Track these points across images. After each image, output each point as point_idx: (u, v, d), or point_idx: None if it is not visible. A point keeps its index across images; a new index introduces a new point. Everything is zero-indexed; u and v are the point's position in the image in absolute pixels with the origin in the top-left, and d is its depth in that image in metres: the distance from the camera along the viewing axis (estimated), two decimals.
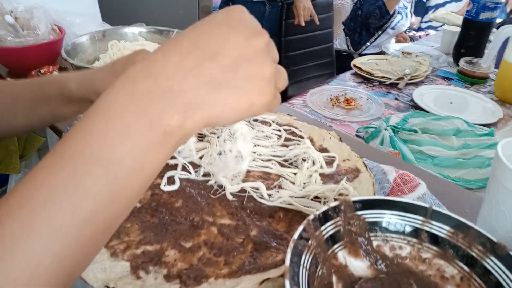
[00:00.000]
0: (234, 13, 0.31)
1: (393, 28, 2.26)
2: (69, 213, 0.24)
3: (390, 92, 1.43)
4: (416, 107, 1.32)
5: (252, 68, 0.29)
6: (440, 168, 0.99)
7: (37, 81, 0.55)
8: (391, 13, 2.13)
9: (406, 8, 2.32)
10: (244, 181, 0.57)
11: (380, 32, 2.24)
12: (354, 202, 0.45)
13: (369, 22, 2.16)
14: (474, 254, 0.41)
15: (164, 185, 0.56)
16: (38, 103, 0.54)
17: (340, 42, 2.45)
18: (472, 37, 1.56)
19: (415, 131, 1.09)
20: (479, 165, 0.99)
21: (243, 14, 0.31)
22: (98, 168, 0.25)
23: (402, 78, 1.48)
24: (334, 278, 0.42)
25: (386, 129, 1.08)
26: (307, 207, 0.52)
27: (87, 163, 0.25)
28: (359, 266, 0.44)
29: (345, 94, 1.40)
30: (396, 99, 1.39)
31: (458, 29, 1.64)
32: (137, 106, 0.26)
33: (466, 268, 0.41)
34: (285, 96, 2.03)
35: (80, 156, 0.25)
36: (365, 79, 1.53)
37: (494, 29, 1.60)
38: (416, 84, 1.48)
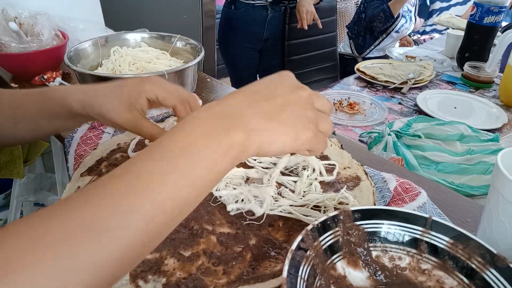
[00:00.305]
0: (284, 74, 0.41)
1: (397, 32, 2.26)
2: (156, 192, 0.30)
3: (393, 97, 1.43)
4: (420, 111, 1.31)
5: (296, 109, 0.38)
6: (444, 174, 0.98)
7: (39, 94, 0.54)
8: (395, 16, 2.12)
9: (410, 11, 2.32)
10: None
11: (384, 35, 2.23)
12: (353, 212, 0.45)
13: (373, 26, 2.15)
14: (473, 266, 0.41)
15: None
16: (41, 117, 0.54)
17: (343, 45, 2.44)
18: (476, 41, 1.55)
19: (419, 136, 1.09)
20: (483, 171, 0.98)
21: (291, 75, 0.42)
22: (183, 156, 0.32)
23: (406, 82, 1.48)
24: None
25: (389, 134, 1.08)
26: (307, 216, 0.52)
27: (177, 151, 0.32)
28: (358, 277, 0.44)
29: (349, 98, 1.39)
30: (399, 103, 1.38)
31: (463, 33, 1.63)
32: (214, 121, 0.35)
33: (465, 279, 0.41)
34: None
35: (169, 146, 0.33)
36: (369, 83, 1.52)
37: (498, 33, 1.59)
38: (420, 89, 1.47)
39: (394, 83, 1.47)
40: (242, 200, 0.55)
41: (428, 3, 2.77)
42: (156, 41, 0.95)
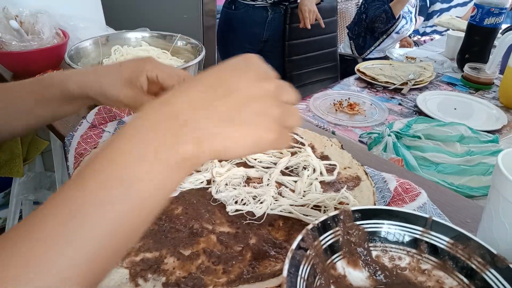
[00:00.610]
0: (249, 59, 0.35)
1: (397, 33, 2.26)
2: (96, 223, 0.27)
3: (394, 98, 1.43)
4: (420, 112, 1.31)
5: (260, 106, 0.33)
6: (443, 175, 0.98)
7: (36, 83, 0.54)
8: (397, 17, 2.12)
9: (411, 12, 2.32)
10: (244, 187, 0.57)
11: (384, 36, 2.23)
12: (354, 211, 0.45)
13: (374, 27, 2.15)
14: (473, 266, 0.41)
15: None
16: (38, 105, 0.54)
17: (344, 46, 2.45)
18: (476, 43, 1.55)
19: (419, 137, 1.09)
20: (483, 172, 0.98)
21: (257, 61, 0.36)
22: (121, 184, 0.28)
23: (406, 83, 1.48)
24: None
25: (389, 135, 1.08)
26: (307, 215, 0.52)
27: (112, 179, 0.28)
28: (358, 276, 0.44)
29: (349, 99, 1.39)
30: (399, 104, 1.38)
31: (463, 34, 1.63)
32: (156, 133, 0.30)
33: (465, 280, 0.41)
34: None
35: (106, 173, 0.29)
36: (369, 84, 1.52)
37: (499, 35, 1.59)
38: (420, 90, 1.47)
39: (394, 84, 1.47)
40: (242, 200, 0.55)
41: (428, 3, 2.77)
42: (157, 41, 0.95)
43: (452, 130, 1.13)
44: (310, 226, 0.42)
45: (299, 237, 0.41)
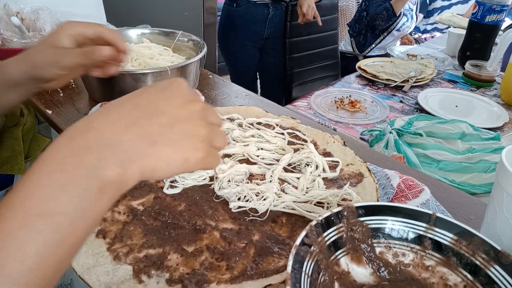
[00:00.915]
0: (175, 83, 0.36)
1: (398, 30, 2.25)
2: (18, 261, 0.26)
3: (395, 95, 1.43)
4: (421, 110, 1.31)
5: (186, 127, 0.33)
6: (445, 172, 0.99)
7: None
8: (398, 14, 2.12)
9: (412, 10, 2.31)
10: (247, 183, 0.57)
11: (385, 34, 2.23)
12: (357, 208, 0.45)
13: (375, 24, 2.15)
14: (477, 263, 0.41)
15: (167, 188, 0.57)
16: None
17: (344, 43, 2.44)
18: (478, 40, 1.55)
19: (420, 135, 1.09)
20: (485, 170, 0.98)
21: (183, 84, 0.36)
22: (41, 220, 0.27)
23: (407, 80, 1.48)
24: (336, 285, 0.42)
25: (391, 132, 1.08)
26: (310, 212, 0.52)
27: (31, 215, 0.27)
28: (361, 273, 0.44)
29: (350, 96, 1.39)
30: (401, 101, 1.38)
31: (464, 32, 1.63)
32: (76, 159, 0.29)
33: (469, 276, 0.41)
34: (289, 97, 2.03)
35: (24, 209, 0.27)
36: (370, 81, 1.52)
37: (500, 32, 1.58)
38: (421, 87, 1.47)
39: (396, 81, 1.47)
40: (245, 197, 0.55)
41: (428, 1, 2.76)
42: (158, 37, 0.94)
43: (454, 128, 1.13)
44: (313, 222, 0.42)
45: (303, 233, 0.41)
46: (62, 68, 0.56)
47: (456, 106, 1.35)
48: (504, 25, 1.75)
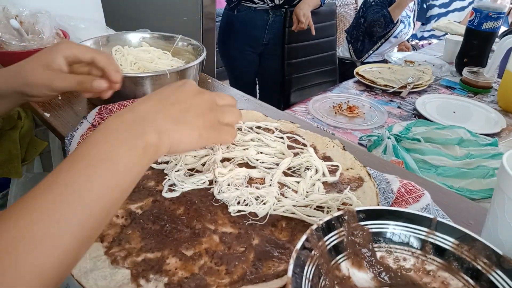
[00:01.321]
0: (187, 82, 0.47)
1: (395, 37, 2.27)
2: (77, 197, 0.33)
3: (393, 101, 1.43)
4: (419, 116, 1.31)
5: (198, 111, 0.44)
6: (443, 177, 0.99)
7: None
8: (395, 21, 2.13)
9: (409, 17, 2.33)
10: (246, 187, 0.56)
11: (383, 40, 2.24)
12: (358, 212, 0.45)
13: (373, 31, 2.16)
14: (479, 267, 0.41)
15: (166, 192, 0.56)
16: None
17: (342, 50, 2.45)
18: (475, 47, 1.56)
19: (418, 140, 1.09)
20: (483, 175, 0.98)
21: (193, 83, 0.47)
22: (104, 163, 0.35)
23: (405, 86, 1.48)
24: None
25: (389, 138, 1.08)
26: (310, 216, 0.52)
27: (97, 160, 0.35)
28: (362, 277, 0.43)
29: (348, 102, 1.39)
30: (399, 107, 1.39)
31: (461, 39, 1.64)
32: (126, 126, 0.39)
33: (471, 281, 0.41)
34: (288, 103, 2.03)
35: (91, 156, 0.36)
36: (368, 87, 1.53)
37: (497, 39, 1.60)
38: (419, 93, 1.48)
39: (393, 87, 1.48)
40: (244, 201, 0.54)
41: (425, 6, 2.78)
42: (158, 41, 0.94)
43: (452, 133, 1.13)
44: (314, 226, 0.42)
45: (304, 237, 0.40)
46: (53, 90, 0.58)
47: (454, 112, 1.35)
48: (500, 31, 1.76)
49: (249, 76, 2.10)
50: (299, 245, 0.40)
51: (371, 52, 2.28)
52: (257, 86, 2.22)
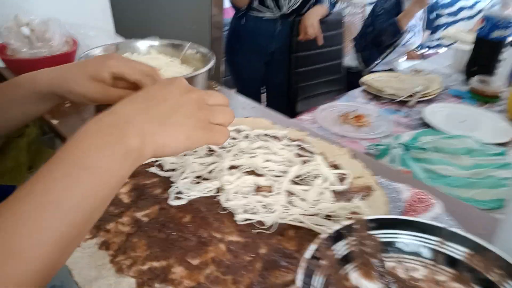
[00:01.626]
0: (176, 79, 0.45)
1: (403, 46, 2.26)
2: (58, 206, 0.32)
3: (400, 110, 1.42)
4: (427, 125, 1.30)
5: (186, 111, 0.42)
6: (452, 188, 0.97)
7: (6, 85, 0.57)
8: (403, 30, 2.13)
9: (418, 25, 2.32)
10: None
11: (391, 49, 2.24)
12: (368, 221, 0.44)
13: (381, 40, 2.16)
14: (491, 278, 0.40)
15: (172, 200, 0.56)
16: (10, 106, 0.57)
17: (350, 59, 2.45)
18: (484, 55, 1.55)
19: (426, 150, 1.08)
20: (491, 186, 0.97)
21: (182, 80, 0.45)
22: (82, 170, 0.34)
23: (413, 95, 1.47)
24: None
25: (396, 147, 1.07)
26: (319, 225, 0.51)
27: (74, 167, 0.34)
28: None
29: (355, 111, 1.39)
30: (406, 116, 1.38)
31: (470, 47, 1.63)
32: (106, 130, 0.37)
33: None
34: (294, 112, 2.03)
35: (69, 163, 0.34)
36: (375, 96, 1.52)
37: (504, 48, 1.58)
38: (427, 102, 1.46)
39: (401, 96, 1.47)
40: (252, 209, 0.54)
41: (433, 16, 2.78)
42: (166, 49, 0.95)
43: (460, 143, 1.12)
44: (323, 235, 0.41)
45: (313, 246, 0.40)
46: (91, 100, 0.57)
47: (462, 121, 1.34)
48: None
49: (256, 85, 2.11)
50: (307, 254, 0.39)
51: (379, 60, 2.27)
52: (264, 94, 2.23)
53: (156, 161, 0.64)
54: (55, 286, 0.97)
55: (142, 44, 0.94)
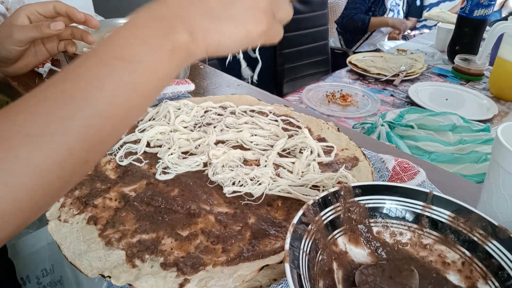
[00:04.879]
0: None
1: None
2: (97, 88, 0.30)
3: (385, 89, 1.43)
4: (412, 103, 1.31)
5: (246, 1, 0.35)
6: (436, 163, 0.99)
7: None
8: (369, 32, 2.14)
9: (398, 5, 2.33)
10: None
11: (368, 33, 2.25)
12: (354, 187, 0.44)
13: (347, 28, 2.17)
14: (475, 239, 0.41)
15: (160, 174, 0.55)
16: None
17: (334, 40, 2.45)
18: (466, 35, 1.56)
19: (411, 127, 1.09)
20: (476, 160, 0.99)
21: None
22: (119, 62, 0.31)
23: (398, 75, 1.49)
24: (334, 265, 0.41)
25: (382, 125, 1.08)
26: (306, 195, 0.51)
27: (111, 57, 0.31)
28: (359, 253, 0.43)
29: (341, 90, 1.39)
30: (391, 95, 1.39)
31: (453, 27, 1.65)
32: (154, 23, 0.33)
33: (467, 252, 0.41)
34: (281, 93, 2.03)
35: (106, 53, 0.31)
36: (361, 76, 1.53)
37: (487, 27, 1.60)
38: (412, 81, 1.48)
39: (386, 76, 1.48)
40: (239, 182, 0.54)
41: (418, 2, 2.78)
42: None
43: (444, 120, 1.14)
44: (311, 202, 0.42)
45: (300, 212, 0.40)
46: (16, 43, 0.61)
47: (446, 99, 1.36)
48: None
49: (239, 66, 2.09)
50: (295, 219, 0.39)
51: (361, 41, 2.28)
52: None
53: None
54: (52, 282, 0.96)
55: (123, 23, 0.92)
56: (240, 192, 0.52)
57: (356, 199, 0.44)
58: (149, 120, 0.67)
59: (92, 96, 0.29)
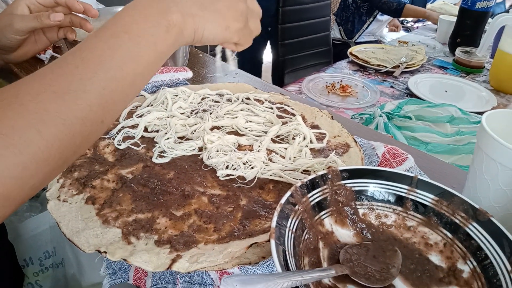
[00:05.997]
0: None
1: (382, 15, 2.26)
2: (99, 61, 0.35)
3: (385, 80, 1.44)
4: (411, 95, 1.32)
5: (228, 2, 0.43)
6: (433, 153, 1.00)
7: None
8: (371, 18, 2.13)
9: None
10: None
11: (371, 19, 2.23)
12: (342, 171, 0.46)
13: (382, 7, 2.14)
14: (457, 221, 0.42)
15: (156, 158, 0.57)
16: None
17: (334, 32, 2.45)
18: (468, 27, 1.56)
19: (409, 118, 1.10)
20: (472, 151, 0.99)
21: None
22: (127, 34, 0.37)
23: (398, 66, 1.49)
24: (320, 244, 0.43)
25: (380, 116, 1.09)
26: (297, 179, 0.53)
27: (119, 31, 0.37)
28: (345, 233, 0.45)
29: (341, 81, 1.40)
30: (391, 87, 1.40)
31: (455, 19, 1.64)
32: (153, 4, 0.39)
33: (449, 234, 0.42)
34: (282, 84, 2.03)
35: (114, 27, 0.37)
36: (361, 67, 1.53)
37: (489, 20, 1.60)
38: (412, 73, 1.48)
39: (386, 67, 1.48)
40: (232, 166, 0.56)
41: None
42: None
43: (443, 111, 1.14)
44: (299, 184, 0.43)
45: (288, 193, 0.42)
46: (16, 32, 0.63)
47: (446, 91, 1.36)
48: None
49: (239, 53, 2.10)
50: (283, 199, 0.41)
51: (361, 31, 2.27)
52: None
53: None
54: (54, 264, 0.99)
55: None
56: (233, 175, 0.54)
57: (343, 182, 0.46)
58: (147, 106, 0.69)
59: (106, 62, 0.35)
